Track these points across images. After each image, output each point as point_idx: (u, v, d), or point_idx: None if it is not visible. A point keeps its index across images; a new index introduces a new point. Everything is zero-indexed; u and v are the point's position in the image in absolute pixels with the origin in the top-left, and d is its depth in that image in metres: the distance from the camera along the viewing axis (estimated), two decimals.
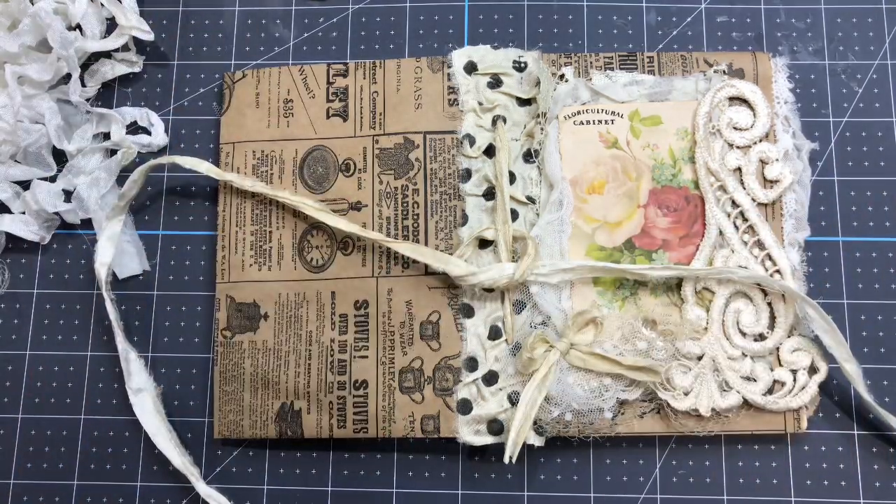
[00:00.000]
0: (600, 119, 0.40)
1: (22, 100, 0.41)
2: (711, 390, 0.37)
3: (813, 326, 0.37)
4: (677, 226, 0.39)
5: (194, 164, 0.41)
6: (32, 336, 0.42)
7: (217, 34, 0.45)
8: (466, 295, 0.39)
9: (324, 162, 0.41)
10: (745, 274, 0.38)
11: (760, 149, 0.39)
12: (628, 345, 0.38)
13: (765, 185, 0.39)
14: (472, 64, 0.41)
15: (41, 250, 0.43)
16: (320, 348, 0.39)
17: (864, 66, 0.42)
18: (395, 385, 0.39)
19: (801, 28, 0.43)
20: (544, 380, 0.37)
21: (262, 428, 0.39)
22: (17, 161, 0.42)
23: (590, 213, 0.40)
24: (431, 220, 0.40)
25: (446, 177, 0.40)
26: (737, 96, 0.40)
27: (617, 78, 0.41)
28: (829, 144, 0.42)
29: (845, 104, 0.42)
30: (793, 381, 0.38)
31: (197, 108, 0.44)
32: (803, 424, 0.38)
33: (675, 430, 0.38)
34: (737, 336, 0.38)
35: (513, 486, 0.39)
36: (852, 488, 0.38)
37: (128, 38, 0.43)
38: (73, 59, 0.41)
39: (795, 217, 0.39)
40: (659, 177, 0.40)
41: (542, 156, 0.40)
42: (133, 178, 0.41)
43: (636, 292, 0.39)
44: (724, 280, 0.38)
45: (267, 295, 0.40)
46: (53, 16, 0.41)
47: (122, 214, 0.41)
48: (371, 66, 0.42)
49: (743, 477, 0.38)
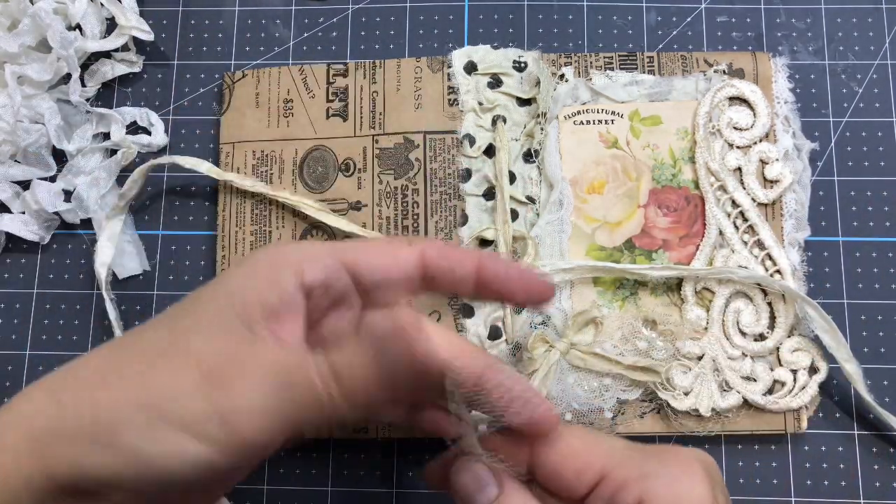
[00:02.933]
0: (600, 119, 0.40)
1: (22, 100, 0.41)
2: (711, 390, 0.37)
3: (813, 326, 0.37)
4: (677, 226, 0.39)
5: (195, 163, 0.41)
6: (32, 336, 0.42)
7: (217, 34, 0.45)
8: None
9: (323, 162, 0.41)
10: (745, 274, 0.38)
11: (760, 149, 0.39)
12: (628, 345, 0.38)
13: (765, 185, 0.39)
14: (472, 64, 0.41)
15: (41, 250, 0.43)
16: None
17: (864, 66, 0.42)
18: None
19: (801, 28, 0.43)
20: (544, 380, 0.37)
21: None
22: (17, 161, 0.42)
23: (590, 213, 0.40)
24: (431, 220, 0.40)
25: (446, 177, 0.40)
26: (737, 96, 0.40)
27: (617, 78, 0.41)
28: (829, 144, 0.42)
29: (845, 104, 0.42)
30: (793, 381, 0.38)
31: (197, 108, 0.44)
32: (803, 424, 0.38)
33: (675, 430, 0.38)
34: (737, 336, 0.38)
35: None
36: (852, 488, 0.38)
37: (128, 38, 0.43)
38: (72, 59, 0.41)
39: (795, 217, 0.39)
40: (659, 177, 0.40)
41: (542, 156, 0.40)
42: (133, 177, 0.41)
43: (636, 292, 0.39)
44: (724, 280, 0.38)
45: None
46: (53, 16, 0.41)
47: (122, 214, 0.41)
48: (371, 66, 0.42)
49: (743, 477, 0.38)
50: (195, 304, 0.26)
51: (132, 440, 0.23)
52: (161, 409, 0.23)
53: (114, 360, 0.25)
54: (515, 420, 0.26)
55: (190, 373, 0.23)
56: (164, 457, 0.23)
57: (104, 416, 0.23)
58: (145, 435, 0.23)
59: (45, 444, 0.23)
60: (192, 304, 0.26)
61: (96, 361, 0.25)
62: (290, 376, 0.24)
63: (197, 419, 0.23)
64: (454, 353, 0.24)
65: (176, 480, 0.23)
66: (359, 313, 0.28)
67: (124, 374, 0.24)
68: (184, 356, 0.24)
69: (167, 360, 0.24)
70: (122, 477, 0.23)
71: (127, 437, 0.23)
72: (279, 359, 0.24)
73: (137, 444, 0.23)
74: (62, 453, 0.23)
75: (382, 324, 0.24)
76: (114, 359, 0.25)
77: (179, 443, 0.23)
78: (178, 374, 0.24)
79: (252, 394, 0.23)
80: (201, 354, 0.24)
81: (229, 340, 0.24)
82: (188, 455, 0.23)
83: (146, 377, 0.24)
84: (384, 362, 0.24)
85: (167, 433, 0.23)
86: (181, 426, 0.23)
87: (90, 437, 0.23)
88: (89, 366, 0.25)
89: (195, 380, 0.23)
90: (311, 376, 0.24)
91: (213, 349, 0.24)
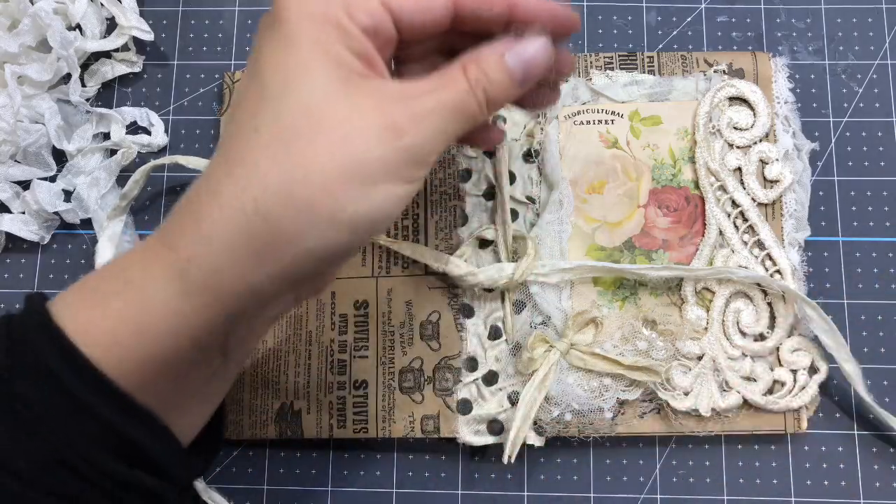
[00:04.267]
0: (600, 119, 0.40)
1: (22, 100, 0.41)
2: (711, 390, 0.37)
3: (812, 327, 0.37)
4: (677, 226, 0.39)
5: (198, 163, 0.41)
6: None
7: (217, 34, 0.45)
8: (466, 295, 0.39)
9: None
10: (745, 274, 0.38)
11: (760, 149, 0.39)
12: (628, 345, 0.38)
13: (765, 185, 0.39)
14: None
15: (41, 250, 0.43)
16: (320, 348, 0.39)
17: (864, 66, 0.42)
18: (395, 385, 0.39)
19: (801, 28, 0.43)
20: (544, 380, 0.37)
21: (261, 428, 0.39)
22: (17, 161, 0.42)
23: (590, 213, 0.40)
24: (431, 220, 0.40)
25: (446, 177, 0.40)
26: (737, 96, 0.40)
27: (617, 78, 0.41)
28: (829, 144, 0.42)
29: (845, 104, 0.42)
30: (793, 381, 0.38)
31: (197, 108, 0.44)
32: (803, 424, 0.38)
33: (675, 430, 0.38)
34: (737, 336, 0.38)
35: (513, 486, 0.39)
36: (852, 488, 0.38)
37: (128, 38, 0.43)
38: (72, 59, 0.41)
39: (795, 217, 0.39)
40: (659, 177, 0.40)
41: (542, 156, 0.40)
42: (135, 178, 0.41)
43: (636, 292, 0.39)
44: (725, 280, 0.38)
45: None
46: (53, 16, 0.41)
47: (123, 215, 0.41)
48: None
49: (743, 477, 0.38)
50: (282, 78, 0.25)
51: (349, 205, 0.24)
52: (360, 171, 0.24)
53: (269, 149, 0.25)
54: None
55: (370, 129, 0.24)
56: (379, 209, 0.25)
57: (307, 193, 0.24)
58: (359, 196, 0.24)
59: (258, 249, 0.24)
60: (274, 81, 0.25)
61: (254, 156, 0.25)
62: (443, 93, 0.26)
63: (397, 167, 0.25)
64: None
65: (387, 225, 0.27)
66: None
67: (287, 154, 0.24)
68: (347, 117, 0.25)
69: (323, 132, 0.24)
70: (343, 248, 0.25)
71: (344, 204, 0.24)
72: (426, 87, 0.26)
73: (353, 208, 0.24)
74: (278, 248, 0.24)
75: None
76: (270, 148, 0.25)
77: (389, 190, 0.25)
78: (362, 134, 0.24)
79: (427, 125, 0.25)
80: (360, 110, 0.25)
81: (363, 95, 0.25)
82: (400, 196, 0.25)
83: (330, 147, 0.24)
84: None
85: (375, 188, 0.25)
86: (384, 177, 0.25)
87: (308, 221, 0.24)
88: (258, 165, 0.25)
89: (378, 134, 0.25)
90: (460, 85, 0.26)
91: (365, 105, 0.25)
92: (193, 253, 0.24)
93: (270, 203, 0.24)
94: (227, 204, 0.24)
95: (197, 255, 0.24)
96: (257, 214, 0.24)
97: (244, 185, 0.24)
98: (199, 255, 0.24)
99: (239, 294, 0.24)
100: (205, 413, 0.29)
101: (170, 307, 0.24)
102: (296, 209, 0.24)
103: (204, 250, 0.24)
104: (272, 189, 0.24)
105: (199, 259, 0.24)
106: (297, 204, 0.24)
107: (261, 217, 0.24)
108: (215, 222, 0.24)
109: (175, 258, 0.24)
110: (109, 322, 0.24)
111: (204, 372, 0.27)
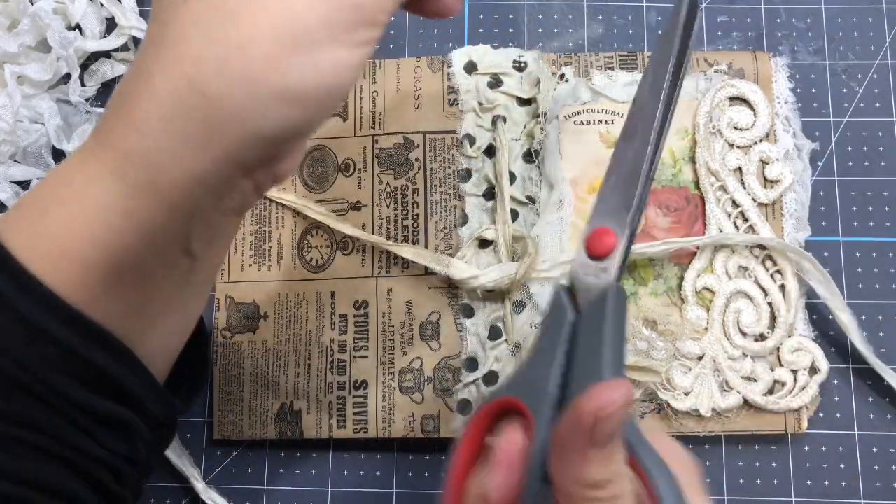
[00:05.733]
0: (600, 119, 0.40)
1: (21, 100, 0.41)
2: (712, 390, 0.37)
3: (808, 279, 0.38)
4: (677, 226, 0.39)
5: None
6: None
7: None
8: (466, 295, 0.39)
9: (323, 162, 0.41)
10: (743, 238, 0.38)
11: (761, 149, 0.39)
12: (628, 345, 0.38)
13: (765, 185, 0.39)
14: (472, 64, 0.41)
15: None
16: (320, 348, 0.39)
17: (864, 66, 0.42)
18: (395, 385, 0.39)
19: (801, 28, 0.43)
20: None
21: (261, 428, 0.39)
22: (17, 161, 0.42)
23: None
24: (431, 220, 0.40)
25: (446, 177, 0.40)
26: (737, 96, 0.40)
27: (617, 78, 0.41)
28: (829, 144, 0.41)
29: (845, 104, 0.42)
30: (793, 382, 0.38)
31: None
32: (803, 424, 0.38)
33: (675, 430, 0.38)
34: (737, 336, 0.38)
35: None
36: (852, 488, 0.38)
37: (128, 38, 0.43)
38: (72, 59, 0.41)
39: (796, 217, 0.39)
40: (659, 177, 0.40)
41: (542, 156, 0.40)
42: None
43: (636, 292, 0.39)
44: (725, 279, 0.38)
45: (266, 295, 0.40)
46: (53, 16, 0.41)
47: None
48: (370, 66, 0.42)
49: (743, 477, 0.38)
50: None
51: (293, 74, 0.22)
52: (302, 35, 0.22)
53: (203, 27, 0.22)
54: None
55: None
56: (328, 77, 0.22)
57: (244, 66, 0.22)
58: (304, 63, 0.22)
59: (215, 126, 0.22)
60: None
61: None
62: None
63: (343, 27, 0.22)
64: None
65: (340, 98, 0.23)
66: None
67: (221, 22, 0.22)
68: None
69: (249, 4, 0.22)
70: (293, 125, 0.23)
71: (287, 73, 0.22)
72: None
73: (298, 77, 0.22)
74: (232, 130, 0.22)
75: None
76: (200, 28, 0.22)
77: (337, 55, 0.22)
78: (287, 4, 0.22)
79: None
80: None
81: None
82: (351, 62, 0.23)
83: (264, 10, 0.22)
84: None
85: (321, 53, 0.22)
86: (330, 40, 0.22)
87: (249, 94, 0.22)
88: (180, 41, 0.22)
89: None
90: None
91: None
92: (129, 146, 0.22)
93: (205, 77, 0.21)
94: (158, 87, 0.22)
95: (132, 148, 0.22)
96: (192, 92, 0.22)
97: (175, 63, 0.22)
98: (135, 147, 0.22)
99: (183, 184, 0.22)
100: (182, 326, 0.28)
101: (116, 208, 0.22)
102: (234, 82, 0.21)
103: (139, 141, 0.22)
104: (206, 63, 0.21)
105: (136, 152, 0.22)
106: (235, 76, 0.21)
107: (197, 94, 0.22)
108: (147, 110, 0.22)
109: (112, 156, 0.23)
110: (56, 233, 0.23)
111: (171, 277, 0.25)
